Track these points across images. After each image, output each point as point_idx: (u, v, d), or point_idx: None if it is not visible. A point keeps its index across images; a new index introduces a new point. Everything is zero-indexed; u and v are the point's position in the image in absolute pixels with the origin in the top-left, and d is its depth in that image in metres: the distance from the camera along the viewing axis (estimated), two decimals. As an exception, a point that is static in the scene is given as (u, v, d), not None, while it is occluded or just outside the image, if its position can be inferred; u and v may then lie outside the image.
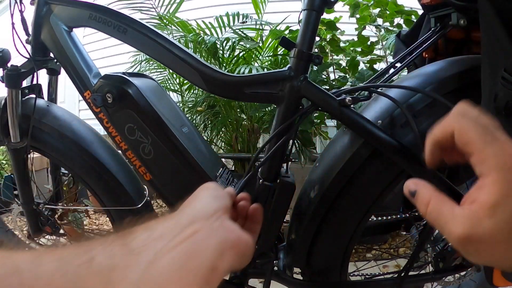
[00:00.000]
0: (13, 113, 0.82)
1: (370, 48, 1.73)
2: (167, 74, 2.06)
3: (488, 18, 0.45)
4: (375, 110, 0.61)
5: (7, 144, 0.87)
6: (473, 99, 0.54)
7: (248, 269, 0.74)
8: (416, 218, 0.83)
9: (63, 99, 2.92)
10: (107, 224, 2.03)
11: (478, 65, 0.50)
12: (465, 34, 0.67)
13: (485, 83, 0.48)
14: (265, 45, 1.93)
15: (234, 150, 1.88)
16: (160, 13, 1.95)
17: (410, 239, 0.87)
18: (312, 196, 0.64)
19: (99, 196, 0.93)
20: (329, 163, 0.64)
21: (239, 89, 0.65)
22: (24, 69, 0.81)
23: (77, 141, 0.87)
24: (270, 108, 1.75)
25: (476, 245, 0.24)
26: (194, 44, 1.76)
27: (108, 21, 0.72)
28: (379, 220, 0.94)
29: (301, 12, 0.62)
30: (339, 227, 0.64)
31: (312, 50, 0.62)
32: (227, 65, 1.83)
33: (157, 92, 0.74)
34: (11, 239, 1.18)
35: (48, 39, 0.78)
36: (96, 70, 0.77)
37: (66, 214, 1.42)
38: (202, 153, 0.73)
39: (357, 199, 0.62)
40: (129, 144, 0.69)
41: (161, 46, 0.69)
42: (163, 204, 2.27)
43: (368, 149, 0.59)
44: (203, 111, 1.96)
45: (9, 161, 2.16)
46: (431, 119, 0.58)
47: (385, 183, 0.61)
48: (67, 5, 0.75)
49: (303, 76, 0.61)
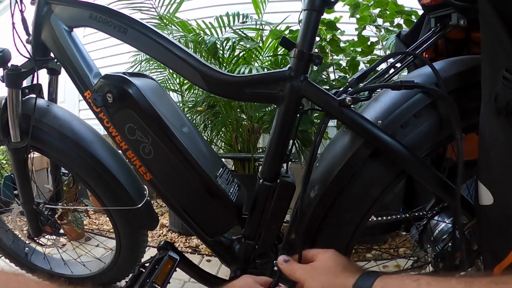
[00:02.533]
0: (13, 113, 0.82)
1: (370, 48, 1.73)
2: (167, 74, 2.06)
3: (488, 18, 0.45)
4: (375, 110, 0.61)
5: (7, 144, 0.87)
6: (473, 99, 0.55)
7: (248, 269, 0.74)
8: (416, 218, 0.83)
9: (63, 99, 2.92)
10: (107, 224, 2.03)
11: (478, 65, 0.50)
12: (465, 34, 0.67)
13: (485, 83, 0.48)
14: (265, 45, 1.93)
15: (234, 150, 1.88)
16: (160, 13, 1.94)
17: (410, 239, 0.87)
18: (312, 196, 0.64)
19: (99, 196, 0.93)
20: (329, 163, 0.64)
21: (239, 89, 0.65)
22: (25, 69, 0.82)
23: (77, 141, 0.87)
24: (270, 108, 1.75)
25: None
26: (194, 44, 1.76)
27: (109, 21, 0.72)
28: (379, 220, 0.94)
29: (301, 12, 0.62)
30: (339, 227, 0.64)
31: (312, 50, 0.62)
32: (227, 65, 1.83)
33: (157, 92, 0.74)
34: (11, 239, 1.18)
35: (48, 39, 0.78)
36: (96, 70, 0.77)
37: (66, 214, 1.42)
38: (202, 153, 0.73)
39: (357, 199, 0.62)
40: (129, 144, 0.69)
41: (161, 46, 0.69)
42: (163, 204, 2.27)
43: (368, 149, 0.59)
44: (203, 111, 1.95)
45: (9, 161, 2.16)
46: (431, 119, 0.59)
47: (385, 183, 0.61)
48: (68, 5, 0.75)
49: (303, 76, 0.61)
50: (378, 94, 0.65)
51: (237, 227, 0.73)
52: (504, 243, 0.49)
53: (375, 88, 0.61)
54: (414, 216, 0.83)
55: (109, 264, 1.08)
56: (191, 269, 0.74)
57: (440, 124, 0.58)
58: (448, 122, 0.57)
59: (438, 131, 0.59)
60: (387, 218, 0.95)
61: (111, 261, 1.07)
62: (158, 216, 1.01)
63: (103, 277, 1.12)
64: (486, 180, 0.51)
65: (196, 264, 0.75)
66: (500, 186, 0.49)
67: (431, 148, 0.60)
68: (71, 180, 1.19)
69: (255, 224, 0.68)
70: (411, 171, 0.58)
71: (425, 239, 0.77)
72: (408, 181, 1.25)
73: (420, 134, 0.59)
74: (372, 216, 0.86)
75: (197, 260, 1.52)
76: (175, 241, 1.75)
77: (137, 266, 0.66)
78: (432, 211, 0.78)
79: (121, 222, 0.96)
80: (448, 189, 0.59)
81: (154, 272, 0.64)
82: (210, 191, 0.69)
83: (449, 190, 0.59)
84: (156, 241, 1.78)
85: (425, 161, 0.60)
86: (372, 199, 0.61)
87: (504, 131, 0.46)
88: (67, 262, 1.18)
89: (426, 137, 0.59)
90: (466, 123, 0.56)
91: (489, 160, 0.49)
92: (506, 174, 0.47)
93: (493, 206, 0.50)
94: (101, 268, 1.11)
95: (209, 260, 1.52)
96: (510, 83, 0.42)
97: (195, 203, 0.71)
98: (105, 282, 1.14)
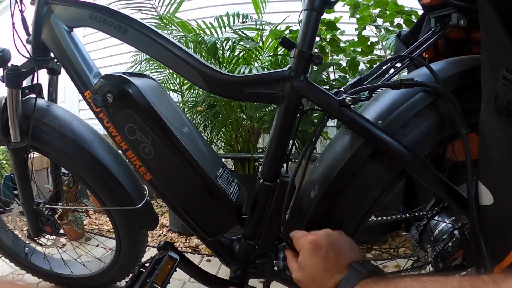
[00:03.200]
0: (13, 113, 0.82)
1: (370, 48, 1.73)
2: (167, 74, 2.06)
3: (488, 18, 0.45)
4: (375, 110, 0.61)
5: (7, 143, 0.87)
6: (473, 99, 0.55)
7: (248, 269, 0.74)
8: (416, 218, 0.83)
9: (63, 99, 2.92)
10: (107, 224, 2.03)
11: (478, 65, 0.50)
12: (465, 34, 0.67)
13: (486, 83, 0.48)
14: (265, 45, 1.93)
15: (234, 150, 1.88)
16: (160, 13, 1.94)
17: (410, 239, 0.87)
18: (312, 196, 0.64)
19: (99, 196, 0.93)
20: (329, 163, 0.64)
21: (239, 89, 0.65)
22: (25, 69, 0.82)
23: (77, 141, 0.87)
24: (270, 108, 1.75)
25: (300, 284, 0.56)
26: (194, 44, 1.76)
27: (109, 21, 0.72)
28: (379, 220, 0.94)
29: (301, 12, 0.62)
30: (339, 227, 0.64)
31: (312, 50, 0.62)
32: (227, 65, 1.83)
33: (157, 92, 0.74)
34: (11, 239, 1.18)
35: (48, 39, 0.78)
36: (96, 70, 0.77)
37: (66, 214, 1.42)
38: (202, 153, 0.73)
39: (357, 199, 0.62)
40: (129, 144, 0.69)
41: (161, 46, 0.69)
42: (163, 204, 2.27)
43: (368, 149, 0.59)
44: (203, 111, 1.95)
45: (9, 161, 2.16)
46: (432, 119, 0.58)
47: (385, 183, 0.61)
48: (68, 5, 0.75)
49: (303, 76, 0.61)
50: (378, 94, 0.65)
51: (237, 227, 0.73)
52: (504, 243, 0.50)
53: (375, 88, 0.61)
54: (414, 216, 0.83)
55: (109, 264, 1.09)
56: (191, 269, 0.74)
57: (441, 124, 0.58)
58: (448, 121, 0.57)
59: (438, 131, 0.59)
60: (387, 218, 0.95)
61: (111, 261, 1.07)
62: (158, 216, 1.01)
63: (103, 277, 1.12)
64: (486, 180, 0.51)
65: (196, 264, 0.75)
66: (500, 186, 0.49)
67: (431, 148, 0.60)
68: (71, 180, 1.19)
69: (255, 224, 0.68)
70: (411, 171, 0.58)
71: (425, 239, 0.77)
72: (408, 181, 1.25)
73: (420, 134, 0.59)
74: (372, 216, 0.86)
75: (197, 260, 1.52)
76: (175, 241, 1.75)
77: (137, 266, 0.66)
78: (432, 211, 0.78)
79: (121, 222, 0.96)
80: (448, 189, 0.59)
81: (154, 272, 0.64)
82: (210, 191, 0.69)
83: (450, 191, 0.59)
84: (156, 241, 1.78)
85: (425, 161, 0.60)
86: (372, 199, 0.61)
87: (504, 131, 0.46)
88: (67, 262, 1.18)
89: (426, 137, 0.59)
90: (466, 123, 0.56)
91: (489, 160, 0.49)
92: (506, 174, 0.47)
93: (493, 206, 0.50)
94: (101, 268, 1.11)
95: (209, 260, 1.52)
96: (510, 83, 0.42)
97: (195, 203, 0.71)
98: (105, 282, 1.14)
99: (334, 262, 0.52)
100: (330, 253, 0.53)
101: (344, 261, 0.52)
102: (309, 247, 0.55)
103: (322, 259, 0.53)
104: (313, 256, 0.54)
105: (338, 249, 0.54)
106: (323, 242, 0.54)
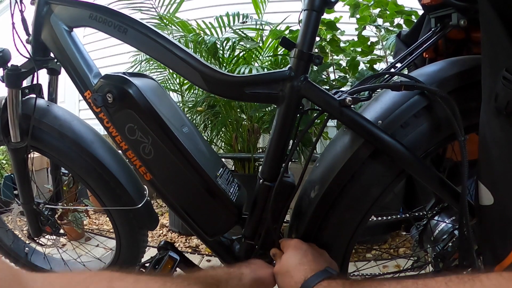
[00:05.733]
0: (13, 113, 0.82)
1: (370, 48, 1.73)
2: (167, 74, 2.06)
3: (488, 18, 0.45)
4: (375, 110, 0.61)
5: (7, 144, 0.87)
6: (473, 99, 0.55)
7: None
8: (416, 218, 0.83)
9: (63, 99, 2.92)
10: (107, 224, 2.03)
11: (478, 65, 0.50)
12: (465, 34, 0.67)
13: (486, 83, 0.48)
14: (265, 45, 1.93)
15: (234, 150, 1.88)
16: (160, 13, 1.95)
17: (410, 239, 0.87)
18: (312, 196, 0.64)
19: (99, 196, 0.93)
20: (329, 163, 0.64)
21: (239, 89, 0.65)
22: (25, 69, 0.81)
23: (77, 141, 0.87)
24: (270, 108, 1.75)
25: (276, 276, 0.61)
26: (194, 44, 1.76)
27: (109, 21, 0.72)
28: (379, 220, 0.94)
29: (301, 12, 0.62)
30: (339, 227, 0.64)
31: (312, 50, 0.62)
32: (227, 65, 1.83)
33: (157, 92, 0.74)
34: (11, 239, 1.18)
35: (48, 39, 0.78)
36: (96, 70, 0.77)
37: (66, 214, 1.42)
38: (203, 153, 0.73)
39: (357, 199, 0.62)
40: (129, 144, 0.69)
41: (161, 46, 0.69)
42: (163, 204, 2.27)
43: (368, 149, 0.59)
44: (203, 111, 1.96)
45: (9, 161, 2.16)
46: (432, 119, 0.58)
47: (385, 183, 0.61)
48: (68, 5, 0.75)
49: (304, 76, 0.61)
50: (378, 94, 0.65)
51: (237, 227, 0.73)
52: (504, 243, 0.50)
53: (375, 88, 0.61)
54: (414, 216, 0.83)
55: (109, 264, 1.08)
56: (191, 269, 0.74)
57: (441, 124, 0.58)
58: (449, 121, 0.57)
59: (438, 131, 0.59)
60: (387, 218, 0.95)
61: (111, 261, 1.07)
62: (158, 216, 1.01)
63: (103, 277, 1.12)
64: (487, 180, 0.51)
65: (196, 264, 0.75)
66: (500, 186, 0.49)
67: (431, 148, 0.60)
68: (71, 180, 1.19)
69: (255, 224, 0.68)
70: (411, 171, 0.58)
71: (425, 239, 0.77)
72: (408, 181, 1.25)
73: (421, 134, 0.59)
74: (372, 216, 0.86)
75: (197, 260, 1.52)
76: (175, 241, 1.75)
77: (137, 266, 0.66)
78: (432, 211, 0.78)
79: (121, 222, 0.96)
80: (448, 189, 0.59)
81: (154, 272, 0.64)
82: (210, 191, 0.69)
83: (449, 191, 0.59)
84: (156, 241, 1.79)
85: (425, 161, 0.60)
86: (372, 199, 0.61)
87: (504, 131, 0.46)
88: (67, 262, 1.18)
89: (427, 137, 0.59)
90: (466, 123, 0.56)
91: (489, 160, 0.49)
92: (507, 174, 0.47)
93: (494, 206, 0.50)
94: (101, 268, 1.11)
95: (209, 260, 1.52)
96: (510, 83, 0.42)
97: (195, 203, 0.71)
98: (105, 282, 1.13)
99: (310, 260, 0.56)
100: (309, 253, 0.58)
101: (320, 264, 0.56)
102: (293, 244, 0.61)
103: (300, 255, 0.58)
104: (294, 251, 0.60)
105: (318, 255, 0.59)
106: (305, 245, 0.61)
